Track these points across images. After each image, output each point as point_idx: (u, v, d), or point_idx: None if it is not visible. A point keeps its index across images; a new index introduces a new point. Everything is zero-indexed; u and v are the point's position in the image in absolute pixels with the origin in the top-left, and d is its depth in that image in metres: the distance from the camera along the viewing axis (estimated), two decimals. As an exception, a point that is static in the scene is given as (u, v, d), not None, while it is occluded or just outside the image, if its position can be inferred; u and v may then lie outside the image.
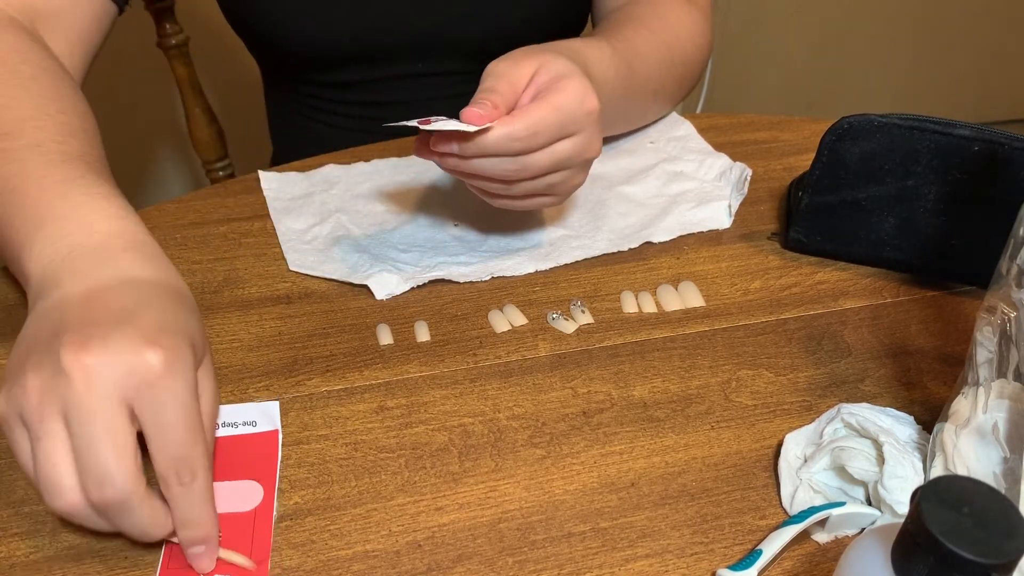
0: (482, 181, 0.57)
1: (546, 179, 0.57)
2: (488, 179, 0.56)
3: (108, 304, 0.42)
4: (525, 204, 0.60)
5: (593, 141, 0.57)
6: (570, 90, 0.55)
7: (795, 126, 0.79)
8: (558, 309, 0.60)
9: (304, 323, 0.59)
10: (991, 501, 0.29)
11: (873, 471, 0.45)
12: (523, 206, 0.60)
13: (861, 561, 0.33)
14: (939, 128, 0.57)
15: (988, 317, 0.44)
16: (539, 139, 0.54)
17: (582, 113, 0.55)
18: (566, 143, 0.55)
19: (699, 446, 0.50)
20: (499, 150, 0.53)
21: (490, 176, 0.55)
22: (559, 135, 0.55)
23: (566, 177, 0.58)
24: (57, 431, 0.39)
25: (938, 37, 2.05)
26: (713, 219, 0.67)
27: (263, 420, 0.51)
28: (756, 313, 0.60)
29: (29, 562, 0.44)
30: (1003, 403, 0.43)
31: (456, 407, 0.53)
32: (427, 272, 0.62)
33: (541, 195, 0.59)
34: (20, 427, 0.40)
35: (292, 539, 0.45)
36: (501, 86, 0.54)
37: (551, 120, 0.53)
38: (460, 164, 0.55)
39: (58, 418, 0.39)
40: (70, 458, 0.39)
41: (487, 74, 0.56)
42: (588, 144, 0.56)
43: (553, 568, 0.44)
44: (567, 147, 0.55)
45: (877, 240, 0.62)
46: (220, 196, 0.70)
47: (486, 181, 0.56)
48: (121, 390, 0.39)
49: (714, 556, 0.45)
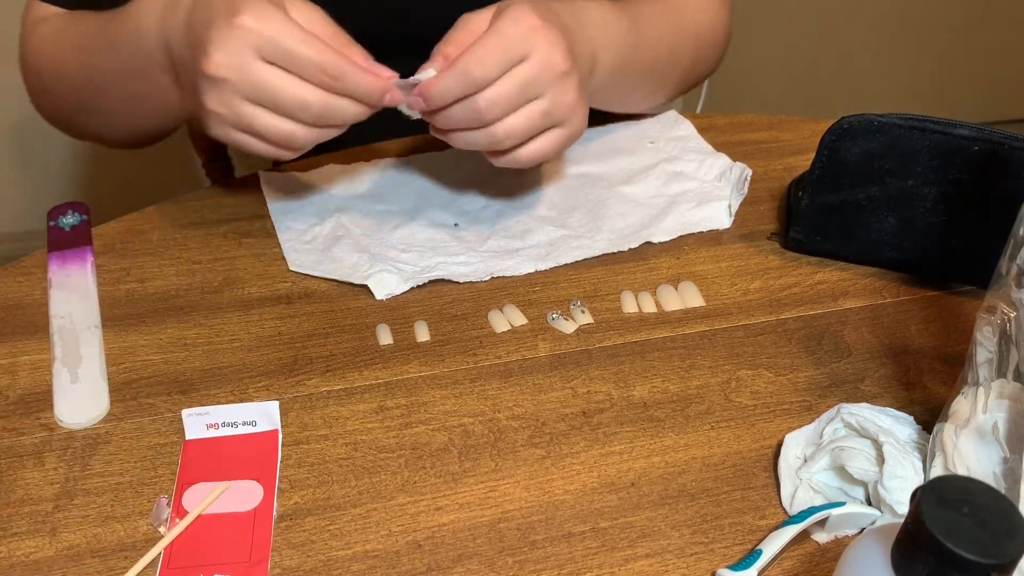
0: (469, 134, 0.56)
1: (533, 107, 0.56)
2: (475, 129, 0.56)
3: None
4: (527, 153, 0.58)
5: (552, 54, 0.55)
6: (507, 15, 0.54)
7: (795, 126, 0.79)
8: (558, 309, 0.60)
9: (304, 323, 0.59)
10: (991, 501, 0.29)
11: (873, 471, 0.45)
12: (527, 156, 0.58)
13: (861, 561, 0.33)
14: (939, 128, 0.57)
15: (988, 317, 0.44)
16: (488, 66, 0.53)
17: (524, 30, 0.54)
18: (524, 65, 0.54)
19: (699, 446, 0.50)
20: (458, 89, 0.53)
21: (469, 124, 0.55)
22: (508, 58, 0.54)
23: (553, 101, 0.56)
24: (266, 79, 0.51)
25: (938, 37, 2.05)
26: (713, 219, 0.67)
27: (263, 420, 0.51)
28: (756, 313, 0.60)
29: (29, 562, 0.44)
30: (1003, 403, 0.43)
31: (456, 407, 0.53)
32: (427, 272, 0.62)
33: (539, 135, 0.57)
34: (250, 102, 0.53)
35: (292, 539, 0.45)
36: (459, 35, 0.56)
37: (494, 45, 0.53)
38: (441, 119, 0.56)
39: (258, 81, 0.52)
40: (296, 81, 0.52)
41: (453, 26, 0.57)
42: (548, 58, 0.55)
43: (553, 568, 0.44)
44: (526, 68, 0.54)
45: (877, 240, 0.62)
46: (220, 196, 0.70)
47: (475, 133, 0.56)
48: (249, 51, 0.51)
49: (714, 556, 0.45)
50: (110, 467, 0.49)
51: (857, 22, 1.98)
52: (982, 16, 2.04)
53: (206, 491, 0.47)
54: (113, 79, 0.64)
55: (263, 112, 0.53)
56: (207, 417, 0.50)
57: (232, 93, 0.52)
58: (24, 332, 0.58)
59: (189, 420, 0.50)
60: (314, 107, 0.52)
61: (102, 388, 0.53)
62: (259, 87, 0.52)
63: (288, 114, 0.53)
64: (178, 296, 0.61)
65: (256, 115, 0.53)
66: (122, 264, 0.63)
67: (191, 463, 0.49)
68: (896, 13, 1.99)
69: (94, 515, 0.47)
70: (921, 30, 2.03)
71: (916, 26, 2.02)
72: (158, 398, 0.53)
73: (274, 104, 0.52)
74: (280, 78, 0.51)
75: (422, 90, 0.55)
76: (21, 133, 1.64)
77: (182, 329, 0.58)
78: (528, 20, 0.54)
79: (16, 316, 0.59)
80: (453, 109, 0.55)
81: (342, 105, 0.53)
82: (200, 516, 0.46)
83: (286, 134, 0.53)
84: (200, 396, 0.53)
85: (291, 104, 0.52)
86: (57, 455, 0.50)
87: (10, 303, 0.60)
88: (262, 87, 0.51)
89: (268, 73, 0.51)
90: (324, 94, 0.52)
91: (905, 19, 2.01)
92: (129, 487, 0.48)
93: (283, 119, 0.53)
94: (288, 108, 0.52)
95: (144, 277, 0.62)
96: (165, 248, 0.65)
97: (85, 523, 0.46)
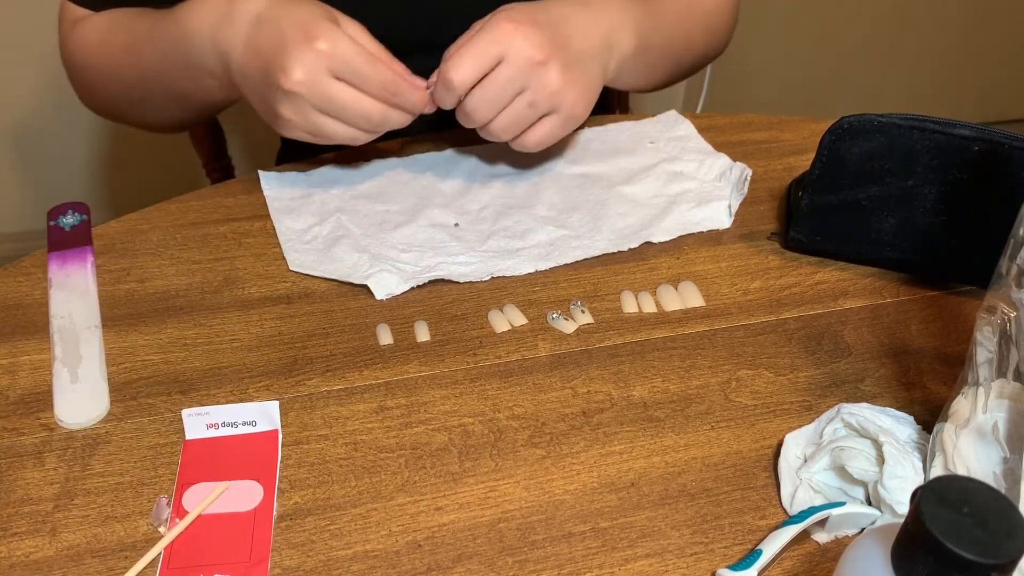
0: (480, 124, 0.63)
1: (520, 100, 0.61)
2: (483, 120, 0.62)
3: (276, 21, 0.60)
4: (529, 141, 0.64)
5: (526, 49, 0.60)
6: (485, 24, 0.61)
7: (795, 126, 0.79)
8: (558, 309, 0.60)
9: (304, 323, 0.59)
10: (991, 501, 0.29)
11: (873, 471, 0.45)
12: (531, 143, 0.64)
13: (861, 561, 0.33)
14: (939, 128, 0.57)
15: (988, 317, 0.44)
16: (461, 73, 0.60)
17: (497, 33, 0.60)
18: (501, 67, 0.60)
19: (699, 446, 0.50)
20: (444, 97, 0.62)
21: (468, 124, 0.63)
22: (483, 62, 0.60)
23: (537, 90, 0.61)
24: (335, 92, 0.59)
25: (938, 37, 2.05)
26: (713, 219, 0.67)
27: (263, 420, 0.51)
28: (756, 313, 0.60)
29: (29, 562, 0.44)
30: (1003, 403, 0.43)
31: (456, 407, 0.53)
32: (427, 272, 0.62)
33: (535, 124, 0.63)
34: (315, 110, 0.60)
35: (292, 539, 0.45)
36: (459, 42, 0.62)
37: (464, 53, 0.60)
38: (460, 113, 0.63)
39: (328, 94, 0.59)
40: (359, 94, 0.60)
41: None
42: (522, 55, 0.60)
43: (553, 568, 0.44)
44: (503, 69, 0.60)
45: (877, 240, 0.62)
46: (220, 196, 0.70)
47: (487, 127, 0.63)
48: (323, 70, 0.58)
49: (714, 556, 0.45)
50: (110, 467, 0.49)
51: (857, 22, 1.98)
52: (982, 16, 2.04)
53: (206, 491, 0.47)
54: (161, 79, 0.70)
55: (331, 121, 0.61)
56: (207, 417, 0.50)
57: (306, 105, 0.60)
58: (24, 332, 0.58)
59: (189, 420, 0.50)
60: (375, 118, 0.61)
61: (102, 388, 0.53)
62: (331, 101, 0.59)
63: (352, 123, 0.61)
64: (178, 296, 0.61)
65: (326, 123, 0.61)
66: (122, 264, 0.63)
67: (191, 463, 0.49)
68: (896, 13, 1.99)
69: (94, 515, 0.47)
70: (921, 30, 2.03)
71: (916, 26, 2.02)
72: (158, 398, 0.53)
73: (342, 115, 0.60)
74: (348, 93, 0.59)
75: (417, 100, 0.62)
76: (21, 133, 1.64)
77: (182, 329, 0.58)
78: (501, 25, 0.60)
79: (16, 316, 0.59)
80: (456, 112, 0.63)
81: (395, 115, 0.62)
82: (200, 516, 0.46)
83: (350, 138, 0.62)
84: (200, 396, 0.53)
85: (356, 116, 0.60)
86: (57, 455, 0.50)
87: (10, 303, 0.60)
88: (333, 101, 0.59)
89: (338, 89, 0.59)
90: (383, 107, 0.61)
91: (905, 19, 2.00)
92: (129, 487, 0.48)
93: (347, 126, 0.61)
94: (353, 119, 0.61)
95: (144, 277, 0.62)
96: (165, 248, 0.65)
97: (85, 523, 0.46)
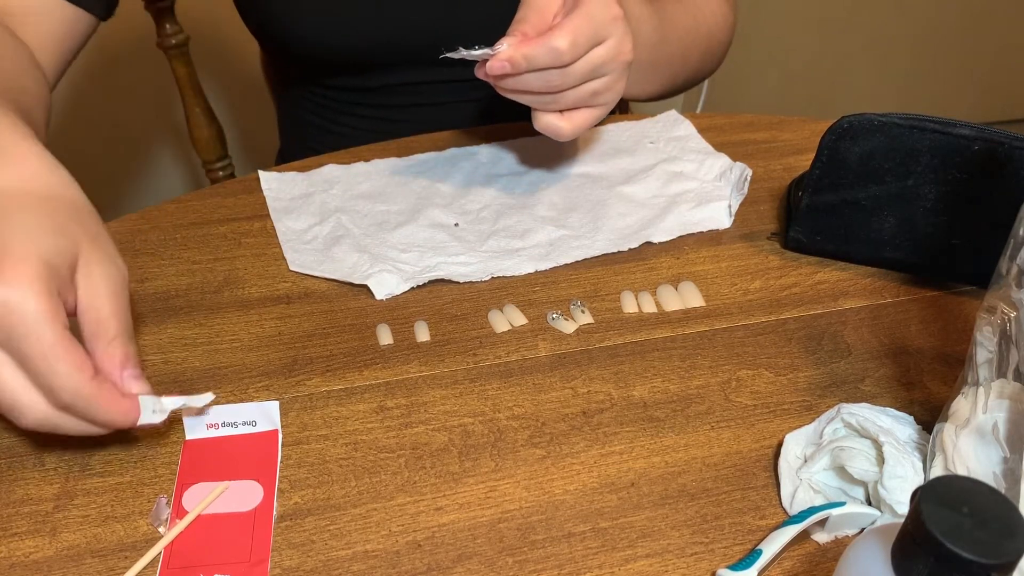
0: (531, 96, 0.61)
1: (589, 86, 0.61)
2: (537, 93, 0.61)
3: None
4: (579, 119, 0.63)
5: (623, 44, 0.60)
6: (596, 1, 0.59)
7: (795, 126, 0.79)
8: (558, 309, 0.60)
9: (304, 323, 0.59)
10: (991, 501, 0.29)
11: (873, 471, 0.45)
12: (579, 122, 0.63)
13: (861, 561, 0.33)
14: (939, 128, 0.57)
15: (988, 317, 0.44)
16: (579, 48, 0.58)
17: (609, 18, 0.59)
18: (600, 49, 0.59)
19: (699, 446, 0.50)
20: (545, 63, 0.58)
21: (538, 90, 0.60)
22: (594, 41, 0.59)
23: (607, 84, 0.61)
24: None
25: (938, 37, 2.05)
26: (713, 219, 0.67)
27: (263, 420, 0.51)
28: (756, 313, 0.60)
29: (29, 562, 0.44)
30: (1003, 403, 0.43)
31: (456, 407, 0.53)
32: (427, 272, 0.62)
33: (586, 107, 0.62)
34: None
35: (292, 539, 0.45)
36: (531, 15, 0.59)
37: (585, 28, 0.58)
38: (512, 82, 0.60)
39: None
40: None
41: (522, 3, 0.61)
42: (620, 47, 0.60)
43: (553, 568, 0.44)
44: (602, 52, 0.59)
45: (877, 240, 0.62)
46: (220, 196, 0.70)
47: (535, 95, 0.61)
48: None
49: (714, 556, 0.45)
50: (110, 467, 0.49)
51: (857, 22, 1.98)
52: (982, 16, 2.04)
53: (206, 491, 0.47)
54: None
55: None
56: (207, 417, 0.50)
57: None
58: (24, 332, 0.58)
59: (189, 420, 0.50)
60: (29, 417, 0.43)
61: (102, 388, 0.53)
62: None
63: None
64: (178, 296, 0.61)
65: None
66: (122, 264, 0.63)
67: (191, 463, 0.49)
68: (896, 13, 1.99)
69: (94, 515, 0.47)
70: (921, 30, 2.03)
71: (916, 26, 2.02)
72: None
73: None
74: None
75: (510, 57, 0.58)
76: (21, 133, 1.64)
77: (182, 329, 0.58)
78: (612, 9, 0.60)
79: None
80: (528, 76, 0.59)
81: (69, 422, 0.44)
82: (200, 516, 0.46)
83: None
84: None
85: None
86: (57, 455, 0.50)
87: (10, 303, 0.60)
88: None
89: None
90: (49, 409, 0.43)
91: (905, 19, 2.01)
92: (129, 487, 0.48)
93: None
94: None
95: (144, 277, 0.62)
96: (165, 248, 0.65)
97: (85, 523, 0.46)
